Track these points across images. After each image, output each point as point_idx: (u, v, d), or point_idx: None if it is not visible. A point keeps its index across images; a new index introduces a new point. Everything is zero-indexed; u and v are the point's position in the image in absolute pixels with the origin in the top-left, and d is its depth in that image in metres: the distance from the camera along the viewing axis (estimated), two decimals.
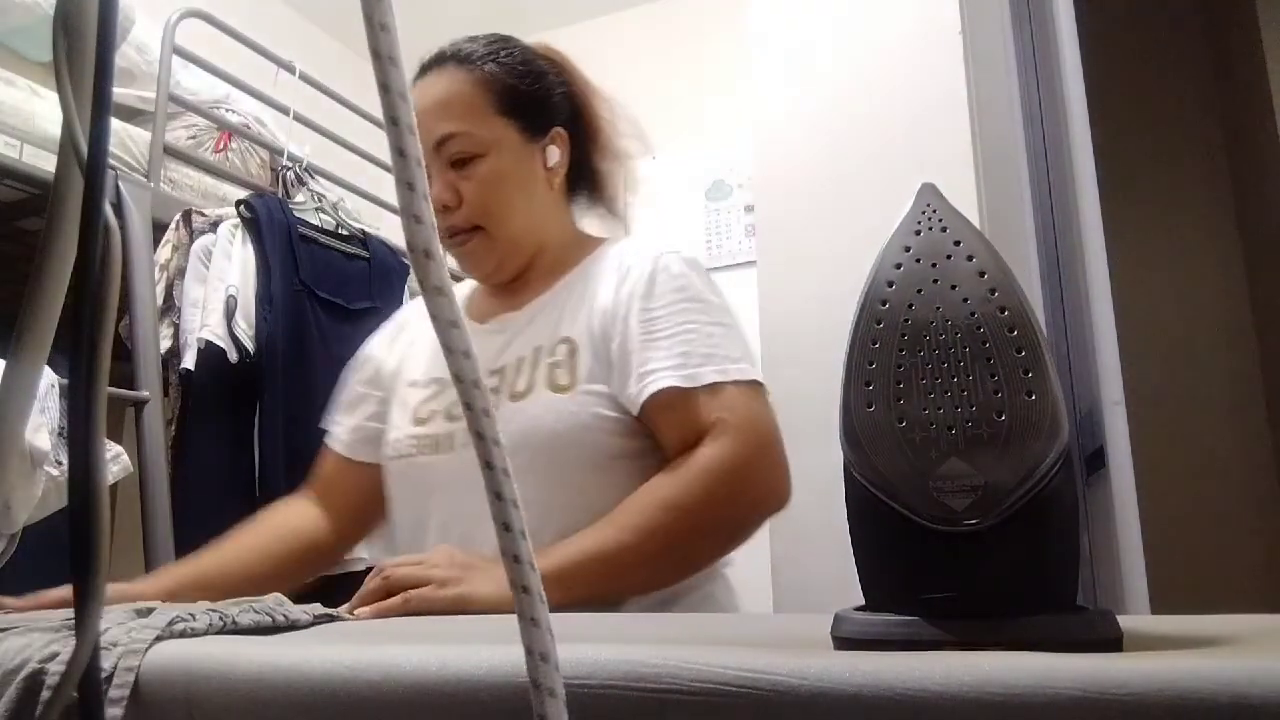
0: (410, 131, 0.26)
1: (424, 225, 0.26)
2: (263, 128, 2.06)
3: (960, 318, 0.39)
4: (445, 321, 0.26)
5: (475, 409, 0.26)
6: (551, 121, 1.00)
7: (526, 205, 0.98)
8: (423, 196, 0.26)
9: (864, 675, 0.33)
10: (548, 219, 1.01)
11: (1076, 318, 1.46)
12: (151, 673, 0.44)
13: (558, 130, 1.00)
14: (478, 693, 0.37)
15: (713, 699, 0.34)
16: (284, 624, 0.57)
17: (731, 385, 0.85)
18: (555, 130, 1.00)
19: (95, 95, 0.32)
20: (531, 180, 0.98)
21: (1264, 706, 0.28)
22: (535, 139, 0.98)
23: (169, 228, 1.70)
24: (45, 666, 0.45)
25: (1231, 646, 0.37)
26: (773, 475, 0.86)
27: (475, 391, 0.26)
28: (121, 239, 0.34)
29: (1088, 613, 0.38)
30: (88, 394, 0.32)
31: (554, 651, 0.26)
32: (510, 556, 0.26)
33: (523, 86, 0.98)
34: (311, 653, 0.42)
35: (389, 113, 0.26)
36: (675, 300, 0.90)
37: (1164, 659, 0.32)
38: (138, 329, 1.54)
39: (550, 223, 1.02)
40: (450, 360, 0.27)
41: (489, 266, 1.00)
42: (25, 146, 1.51)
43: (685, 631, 0.55)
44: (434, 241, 0.27)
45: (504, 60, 0.98)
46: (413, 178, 0.26)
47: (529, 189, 0.98)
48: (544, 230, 1.00)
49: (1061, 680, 0.31)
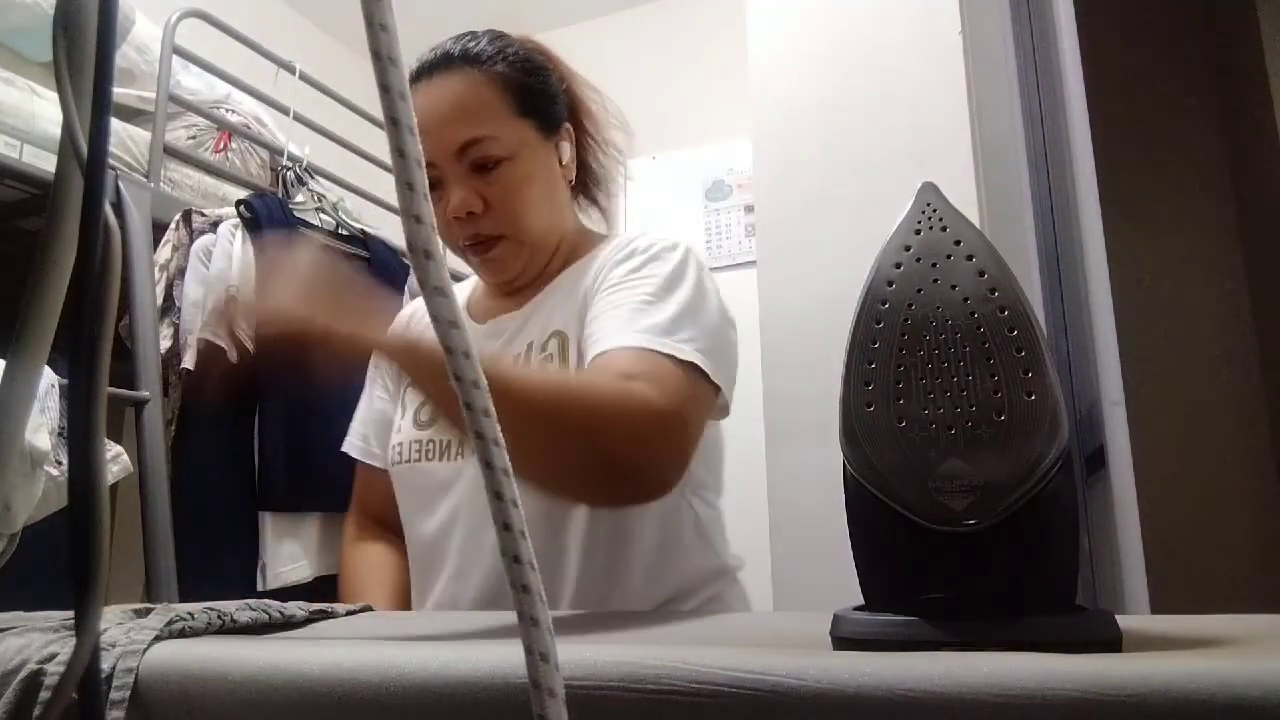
0: (410, 132, 0.26)
1: (424, 225, 0.26)
2: (263, 128, 2.06)
3: (960, 317, 0.39)
4: (445, 322, 0.27)
5: (475, 409, 0.26)
6: (561, 117, 0.98)
7: (550, 206, 0.96)
8: (423, 196, 0.26)
9: (864, 676, 0.33)
10: (565, 218, 1.01)
11: (1076, 318, 1.46)
12: (151, 673, 0.44)
13: (566, 126, 0.99)
14: (476, 693, 0.37)
15: (711, 700, 0.34)
16: (280, 620, 0.57)
17: (668, 359, 0.79)
18: (564, 126, 0.99)
19: (95, 95, 0.32)
20: (552, 180, 0.97)
21: (1264, 706, 0.28)
22: (550, 137, 0.96)
23: (169, 228, 1.70)
24: (44, 667, 0.45)
25: (1231, 646, 0.37)
26: (672, 450, 0.78)
27: (475, 392, 0.26)
28: (121, 239, 0.34)
29: (1087, 613, 0.38)
30: (88, 394, 0.32)
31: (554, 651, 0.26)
32: (510, 556, 0.27)
33: (534, 84, 0.95)
34: (311, 653, 0.42)
35: (389, 113, 0.26)
36: (641, 265, 0.89)
37: (1164, 659, 0.32)
38: (138, 329, 1.54)
39: (566, 221, 1.01)
40: (450, 361, 0.27)
41: (514, 271, 0.97)
42: (25, 146, 1.51)
43: (684, 632, 0.55)
44: (434, 242, 0.27)
45: (512, 58, 0.95)
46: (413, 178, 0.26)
47: (551, 189, 0.97)
48: (563, 230, 1.00)
49: (1061, 680, 0.31)
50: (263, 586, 1.61)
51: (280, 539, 1.66)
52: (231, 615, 0.54)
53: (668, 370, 0.78)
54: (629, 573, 0.88)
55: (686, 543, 0.92)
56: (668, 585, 0.90)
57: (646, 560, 0.88)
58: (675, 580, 0.90)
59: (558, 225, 0.99)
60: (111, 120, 0.37)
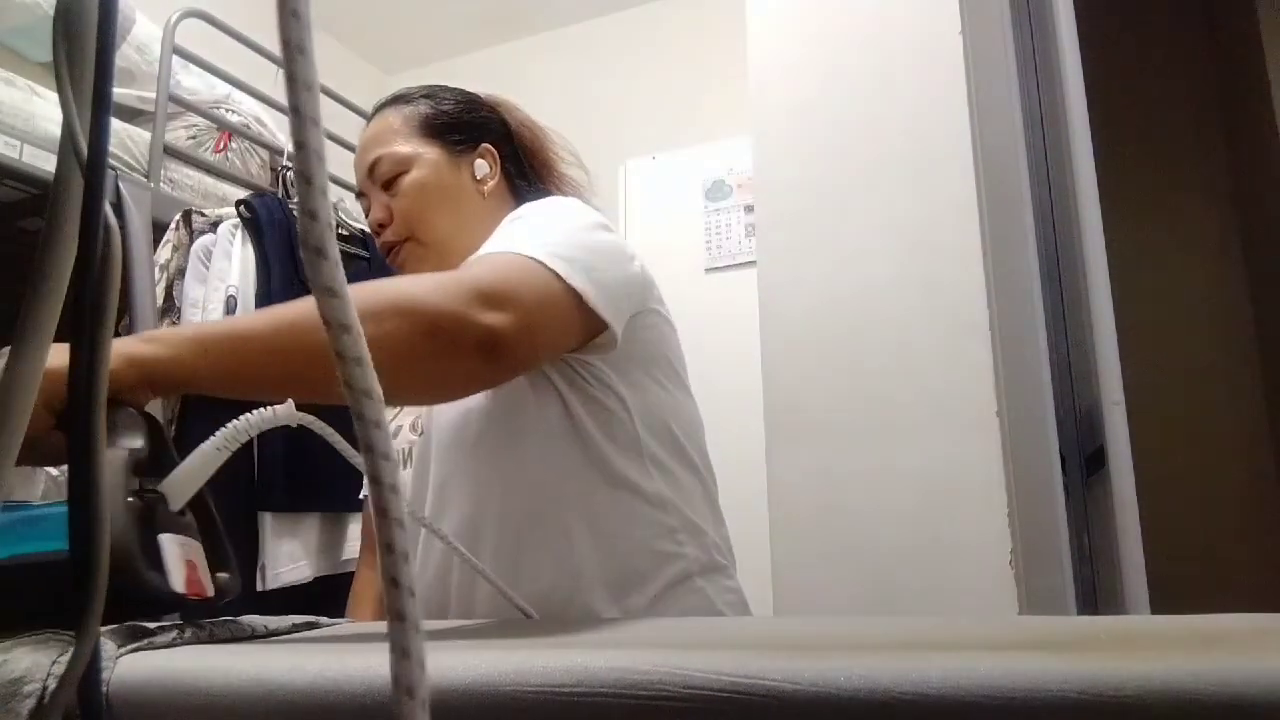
0: (313, 123, 0.25)
1: (318, 223, 0.25)
2: (263, 128, 2.06)
3: None
4: (338, 326, 0.25)
5: (366, 419, 0.25)
6: (480, 139, 1.04)
7: (453, 212, 1.01)
8: (320, 191, 0.25)
9: (859, 679, 0.33)
10: (480, 227, 0.99)
11: (1076, 318, 1.46)
12: (122, 684, 0.43)
13: (486, 146, 1.04)
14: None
15: (705, 705, 0.34)
16: (263, 634, 0.57)
17: (503, 253, 0.78)
18: (484, 146, 1.04)
19: (95, 95, 0.32)
20: (458, 190, 1.02)
21: (1263, 706, 0.28)
22: (461, 154, 1.03)
23: (169, 228, 1.70)
24: (39, 674, 0.45)
25: (1231, 646, 0.37)
26: (490, 301, 0.72)
27: (366, 401, 0.25)
28: (121, 239, 0.34)
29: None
30: (88, 394, 0.32)
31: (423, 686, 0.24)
32: (389, 579, 0.25)
33: (450, 111, 1.04)
34: (293, 663, 0.41)
35: (293, 102, 0.25)
36: (521, 214, 0.89)
37: (1164, 659, 0.32)
38: (138, 329, 1.54)
39: (483, 231, 0.98)
40: (341, 367, 0.25)
41: (423, 273, 0.99)
42: (25, 146, 1.51)
43: (678, 636, 0.55)
44: (328, 240, 0.25)
45: (438, 95, 1.06)
46: (311, 172, 0.25)
47: (456, 198, 1.02)
48: (475, 237, 0.96)
49: (1061, 680, 0.31)
50: (262, 587, 1.61)
51: (279, 539, 1.66)
52: (210, 629, 0.53)
53: (495, 256, 0.78)
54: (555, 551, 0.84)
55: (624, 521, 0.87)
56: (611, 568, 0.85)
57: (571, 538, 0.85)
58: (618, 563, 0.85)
59: (468, 232, 0.99)
60: (111, 120, 0.37)
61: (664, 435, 0.91)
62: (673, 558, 0.87)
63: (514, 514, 0.86)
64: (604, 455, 0.86)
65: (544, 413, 0.87)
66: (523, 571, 0.83)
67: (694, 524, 0.90)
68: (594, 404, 0.87)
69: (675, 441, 0.92)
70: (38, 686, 0.43)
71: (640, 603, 0.84)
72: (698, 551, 0.89)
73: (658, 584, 0.85)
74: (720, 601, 0.89)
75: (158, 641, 0.49)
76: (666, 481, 0.89)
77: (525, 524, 0.86)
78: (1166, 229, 2.70)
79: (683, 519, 0.89)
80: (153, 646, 0.49)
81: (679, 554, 0.87)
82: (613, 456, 0.87)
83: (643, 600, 0.84)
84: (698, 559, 0.89)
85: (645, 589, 0.85)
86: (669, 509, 0.88)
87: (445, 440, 0.91)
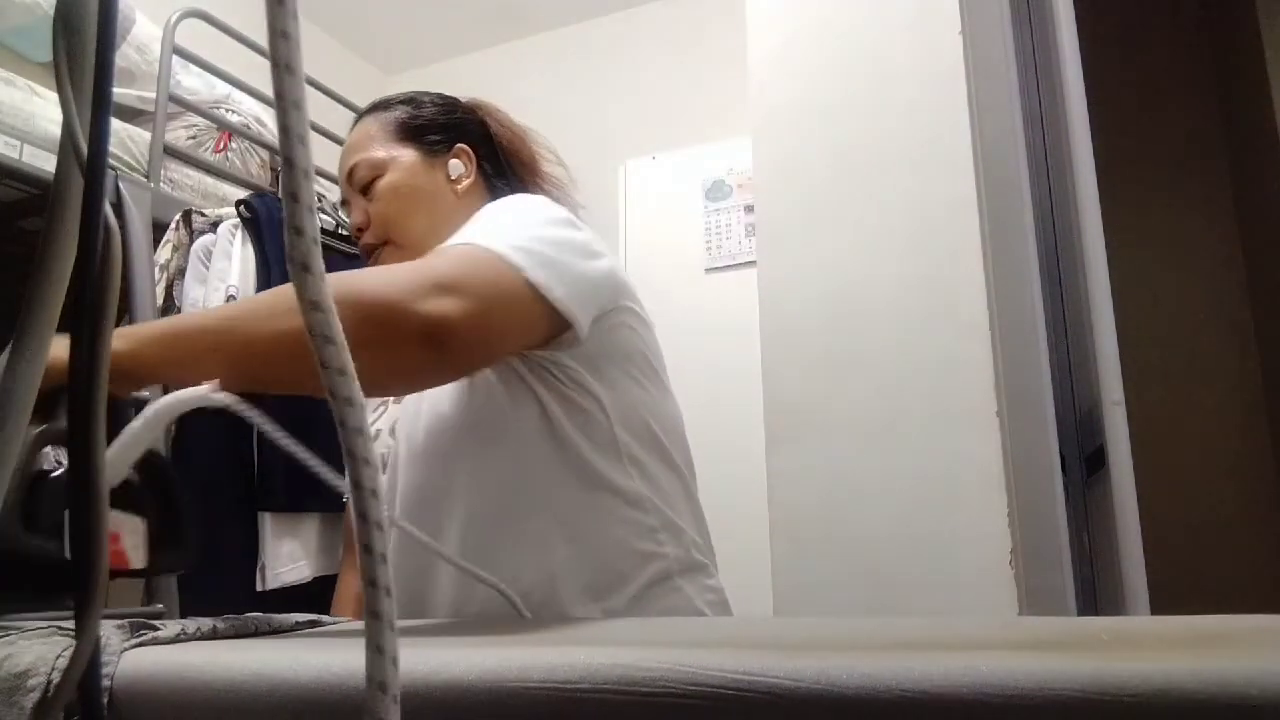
0: (300, 141, 0.25)
1: (304, 238, 0.26)
2: (263, 128, 2.06)
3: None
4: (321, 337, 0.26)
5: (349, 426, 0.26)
6: (455, 140, 1.05)
7: (428, 213, 1.01)
8: (307, 209, 0.26)
9: (862, 677, 0.33)
10: (455, 227, 0.96)
11: (1076, 318, 1.46)
12: (126, 679, 0.44)
13: (461, 146, 1.04)
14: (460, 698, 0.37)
15: (709, 702, 0.34)
16: (266, 631, 0.57)
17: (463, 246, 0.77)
18: (459, 146, 1.04)
19: (95, 95, 0.32)
20: (432, 190, 1.03)
21: (1264, 706, 0.28)
22: (437, 155, 1.04)
23: (169, 228, 1.70)
24: (44, 668, 0.45)
25: (1231, 646, 0.37)
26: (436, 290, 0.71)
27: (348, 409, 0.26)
28: (121, 239, 0.34)
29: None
30: (88, 394, 0.32)
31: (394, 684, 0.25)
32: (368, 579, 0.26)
33: (427, 115, 1.05)
34: (296, 659, 0.42)
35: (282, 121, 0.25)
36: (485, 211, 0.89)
37: (1164, 659, 0.32)
38: None
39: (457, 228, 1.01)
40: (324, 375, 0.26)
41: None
42: (25, 146, 1.51)
43: (679, 634, 0.55)
44: (313, 255, 0.26)
45: (416, 100, 1.07)
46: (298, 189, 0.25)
47: (430, 199, 1.02)
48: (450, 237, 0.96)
49: (1061, 681, 0.31)
50: (262, 587, 1.61)
51: (279, 539, 1.66)
52: (214, 625, 0.54)
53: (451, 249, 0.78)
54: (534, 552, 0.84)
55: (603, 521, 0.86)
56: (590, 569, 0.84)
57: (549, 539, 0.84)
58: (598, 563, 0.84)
59: (443, 232, 0.96)
60: (111, 120, 0.37)
61: (643, 434, 0.90)
62: (652, 557, 0.86)
63: (491, 516, 0.85)
64: (581, 455, 0.86)
65: (520, 414, 0.86)
66: (501, 573, 0.81)
67: (673, 523, 0.89)
68: (570, 404, 0.86)
69: (654, 440, 0.91)
70: (42, 680, 0.43)
71: (620, 603, 0.84)
72: (678, 550, 0.88)
73: (637, 584, 0.85)
74: (700, 601, 0.88)
75: (162, 637, 0.50)
76: (645, 480, 0.89)
77: (503, 526, 0.86)
78: (1167, 228, 2.70)
79: (662, 518, 0.88)
80: (157, 642, 0.49)
81: (659, 553, 0.87)
82: (590, 457, 0.86)
83: (622, 600, 0.84)
84: (678, 558, 0.88)
85: (625, 589, 0.84)
86: (648, 508, 0.88)
87: (422, 444, 0.90)
